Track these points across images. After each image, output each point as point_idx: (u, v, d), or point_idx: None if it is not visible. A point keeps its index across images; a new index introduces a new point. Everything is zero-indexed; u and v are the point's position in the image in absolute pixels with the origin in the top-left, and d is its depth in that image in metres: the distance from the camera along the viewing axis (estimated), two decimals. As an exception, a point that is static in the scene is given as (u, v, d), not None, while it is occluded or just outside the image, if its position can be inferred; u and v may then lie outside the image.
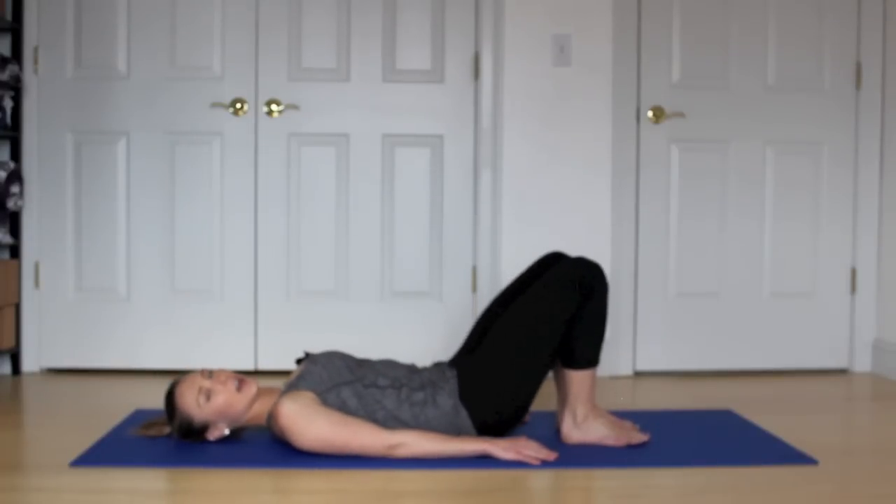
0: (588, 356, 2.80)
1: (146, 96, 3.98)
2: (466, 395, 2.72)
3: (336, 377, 2.72)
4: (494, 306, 2.97)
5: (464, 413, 2.71)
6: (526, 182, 3.97)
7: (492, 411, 2.72)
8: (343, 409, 2.68)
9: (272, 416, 2.66)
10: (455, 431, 2.72)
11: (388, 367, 2.81)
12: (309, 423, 2.60)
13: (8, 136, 3.86)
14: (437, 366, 2.86)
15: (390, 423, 2.70)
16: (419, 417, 2.71)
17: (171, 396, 2.74)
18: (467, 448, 2.63)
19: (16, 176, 3.84)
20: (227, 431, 2.75)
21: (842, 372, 4.15)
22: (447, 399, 2.72)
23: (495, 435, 2.76)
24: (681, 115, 4.04)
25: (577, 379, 2.81)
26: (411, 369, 2.82)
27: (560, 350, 2.80)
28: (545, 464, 2.62)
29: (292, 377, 2.77)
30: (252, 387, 2.73)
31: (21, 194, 3.88)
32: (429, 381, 2.77)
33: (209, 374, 2.72)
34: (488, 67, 3.98)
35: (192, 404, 2.69)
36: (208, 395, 2.68)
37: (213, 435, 2.74)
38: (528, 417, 3.15)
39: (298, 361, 2.87)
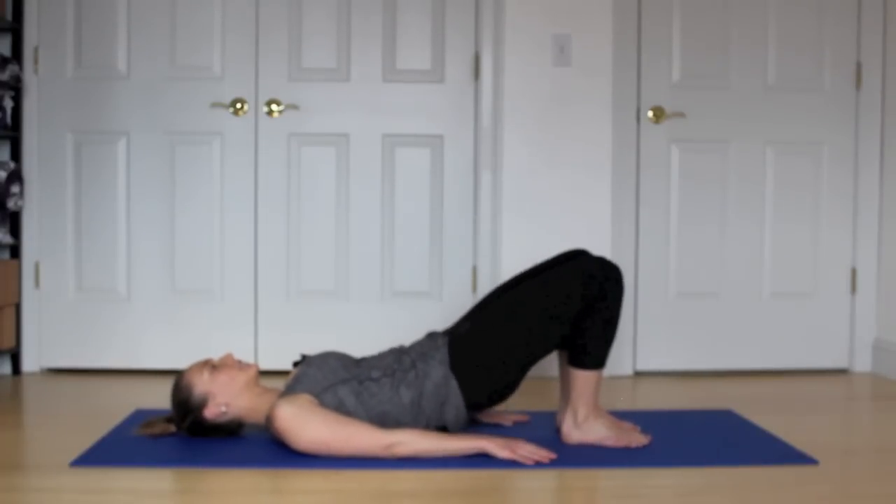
0: (596, 357, 2.80)
1: (146, 96, 3.98)
2: (457, 365, 2.74)
3: (331, 377, 2.73)
4: (501, 287, 2.98)
5: (454, 383, 2.73)
6: (526, 182, 3.97)
7: (480, 384, 2.73)
8: (341, 407, 2.69)
9: (269, 419, 2.67)
10: (445, 400, 2.72)
11: (378, 358, 2.84)
12: (305, 424, 2.61)
13: (8, 136, 3.87)
14: (430, 336, 2.89)
15: (392, 414, 2.71)
16: (416, 398, 2.72)
17: (178, 377, 2.84)
18: (464, 445, 2.64)
19: (16, 176, 3.84)
20: (223, 408, 2.76)
21: (842, 372, 4.15)
22: (438, 368, 2.74)
23: (482, 409, 2.80)
24: (681, 115, 4.04)
25: (582, 379, 2.81)
26: (399, 351, 2.85)
27: (569, 347, 2.80)
28: (544, 463, 2.62)
29: (289, 380, 2.78)
30: (252, 368, 2.83)
31: (21, 194, 3.88)
32: (419, 354, 2.80)
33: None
34: (488, 67, 3.98)
35: (196, 374, 2.80)
36: (213, 370, 2.80)
37: (210, 412, 2.76)
38: (528, 417, 3.15)
39: (295, 364, 2.88)
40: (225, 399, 2.78)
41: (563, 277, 2.76)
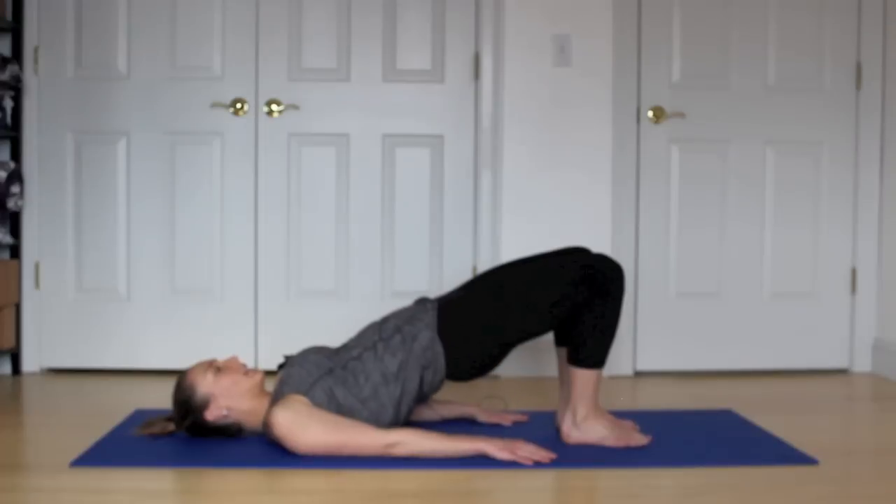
0: (595, 356, 2.80)
1: (146, 96, 3.98)
2: (444, 330, 2.75)
3: (315, 371, 2.73)
4: (499, 266, 2.98)
5: (439, 348, 2.73)
6: (526, 182, 3.97)
7: (464, 352, 2.74)
8: (332, 399, 2.68)
9: (267, 425, 2.67)
10: (428, 365, 2.73)
11: (357, 338, 2.85)
12: (304, 429, 2.60)
13: (8, 136, 3.87)
14: (419, 301, 2.89)
15: (381, 387, 2.71)
16: (404, 364, 2.72)
17: (180, 376, 2.82)
18: (464, 447, 2.64)
19: (16, 176, 3.84)
20: (224, 412, 2.76)
21: (842, 372, 4.15)
22: (425, 331, 2.75)
23: (465, 381, 2.81)
24: (681, 115, 4.04)
25: (582, 378, 2.81)
26: (380, 322, 2.85)
27: (569, 345, 2.81)
28: (543, 464, 2.62)
29: (276, 385, 2.77)
30: (258, 374, 2.82)
31: (21, 194, 3.88)
32: (405, 319, 2.80)
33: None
34: (488, 68, 3.98)
35: (200, 375, 2.78)
36: (217, 372, 2.78)
37: (211, 414, 2.76)
38: (527, 417, 3.15)
39: (280, 367, 2.88)
40: (227, 402, 2.77)
41: (566, 266, 2.76)
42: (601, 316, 2.77)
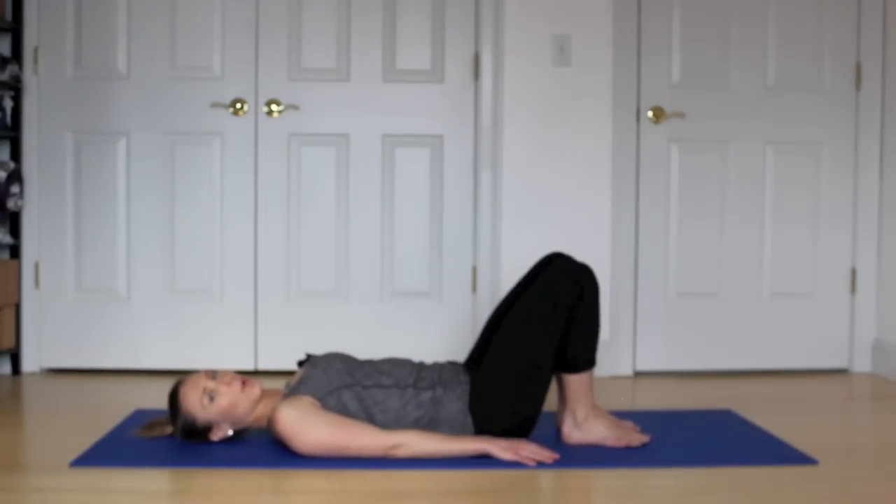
0: (584, 358, 2.79)
1: (146, 96, 3.98)
2: (475, 408, 2.72)
3: (336, 380, 2.71)
4: (501, 309, 2.95)
5: (469, 420, 2.71)
6: (526, 182, 3.97)
7: (498, 426, 2.72)
8: (343, 412, 2.67)
9: (271, 422, 2.66)
10: (454, 430, 2.72)
11: (391, 366, 2.80)
12: (307, 428, 2.59)
13: (8, 136, 3.86)
14: (453, 366, 2.84)
15: (392, 425, 2.69)
16: (423, 419, 2.70)
17: (174, 397, 2.74)
18: (466, 447, 2.63)
19: (16, 176, 3.84)
20: (230, 432, 2.75)
21: (842, 372, 4.15)
22: (455, 402, 2.71)
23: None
24: (681, 115, 4.04)
25: (576, 381, 2.81)
26: (419, 367, 2.81)
27: (557, 355, 2.79)
28: (544, 464, 2.62)
29: (293, 381, 2.76)
30: (256, 388, 2.74)
31: (21, 194, 3.88)
32: (440, 380, 2.75)
33: (213, 374, 2.74)
34: (488, 67, 3.98)
35: (196, 405, 2.70)
36: (212, 397, 2.69)
37: (216, 436, 2.74)
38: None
39: (300, 364, 2.86)
40: (229, 423, 2.74)
41: (542, 297, 2.72)
42: (581, 319, 2.75)
